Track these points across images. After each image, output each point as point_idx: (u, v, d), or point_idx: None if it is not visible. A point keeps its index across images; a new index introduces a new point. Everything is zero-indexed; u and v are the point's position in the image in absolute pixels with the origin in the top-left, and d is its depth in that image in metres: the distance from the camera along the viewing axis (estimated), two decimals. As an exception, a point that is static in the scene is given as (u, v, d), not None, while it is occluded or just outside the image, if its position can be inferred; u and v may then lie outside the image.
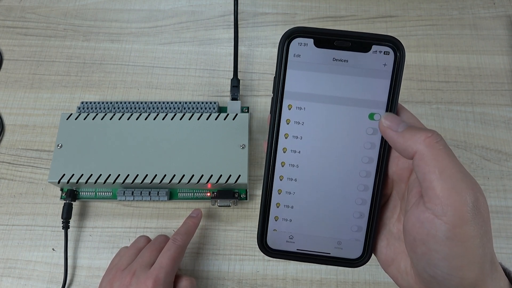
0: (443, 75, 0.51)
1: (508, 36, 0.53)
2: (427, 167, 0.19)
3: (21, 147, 0.48)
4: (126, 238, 0.44)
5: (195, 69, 0.52)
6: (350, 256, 0.24)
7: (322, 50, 0.22)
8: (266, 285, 0.42)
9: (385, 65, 0.22)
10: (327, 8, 0.56)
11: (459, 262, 0.19)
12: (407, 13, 0.55)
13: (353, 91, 0.22)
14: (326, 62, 0.22)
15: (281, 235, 0.24)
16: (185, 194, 0.44)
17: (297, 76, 0.23)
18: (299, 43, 0.22)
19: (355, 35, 0.22)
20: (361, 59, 0.22)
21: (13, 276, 0.43)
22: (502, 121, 0.49)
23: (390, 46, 0.22)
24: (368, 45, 0.22)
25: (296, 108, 0.23)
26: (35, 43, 0.54)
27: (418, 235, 0.20)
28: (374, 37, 0.22)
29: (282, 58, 0.23)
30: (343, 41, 0.22)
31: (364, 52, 0.22)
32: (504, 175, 0.46)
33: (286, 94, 0.23)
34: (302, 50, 0.22)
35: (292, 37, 0.22)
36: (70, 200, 0.44)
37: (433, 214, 0.19)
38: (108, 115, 0.45)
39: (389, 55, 0.22)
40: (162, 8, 0.56)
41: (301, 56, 0.22)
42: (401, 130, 0.21)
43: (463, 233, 0.19)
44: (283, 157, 0.23)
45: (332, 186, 0.23)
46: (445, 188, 0.19)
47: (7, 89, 0.52)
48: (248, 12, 0.56)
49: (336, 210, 0.24)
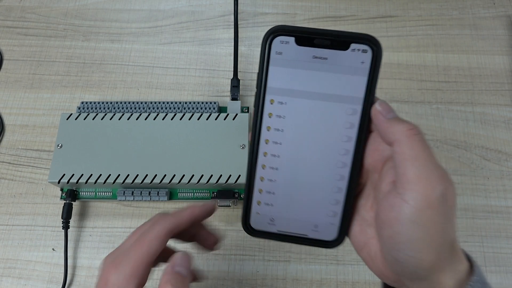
0: (443, 75, 0.51)
1: (508, 36, 0.53)
2: (403, 154, 0.21)
3: (21, 147, 0.48)
4: (126, 238, 0.44)
5: (195, 69, 0.52)
6: (326, 238, 0.26)
7: (302, 48, 0.23)
8: (266, 285, 0.42)
9: (363, 62, 0.23)
10: (327, 8, 0.56)
11: (419, 245, 0.20)
12: (407, 13, 0.55)
13: (332, 87, 0.24)
14: (307, 59, 0.23)
15: (263, 217, 0.26)
16: (185, 194, 0.44)
17: (279, 73, 0.24)
18: (281, 41, 0.23)
19: (334, 33, 0.23)
20: (340, 56, 0.23)
21: (13, 276, 0.43)
22: (502, 121, 0.49)
23: (367, 44, 0.23)
24: (346, 43, 0.23)
25: (277, 103, 0.24)
26: (35, 43, 0.54)
27: (386, 219, 0.21)
28: (352, 35, 0.23)
29: (264, 55, 0.24)
30: (322, 40, 0.23)
31: (343, 50, 0.23)
32: (504, 175, 0.46)
33: (268, 89, 0.24)
34: (283, 47, 0.23)
35: (274, 35, 0.23)
36: (70, 200, 0.44)
37: (401, 198, 0.20)
38: (108, 115, 0.45)
39: (366, 53, 0.23)
40: (162, 8, 0.56)
41: (283, 54, 0.23)
42: (389, 117, 0.23)
43: (425, 217, 0.20)
44: (265, 147, 0.25)
45: (311, 174, 0.25)
46: (416, 174, 0.20)
47: (7, 89, 0.52)
48: (248, 12, 0.56)
49: (314, 197, 0.25)
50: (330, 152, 0.24)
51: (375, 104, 0.23)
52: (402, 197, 0.21)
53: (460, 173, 0.46)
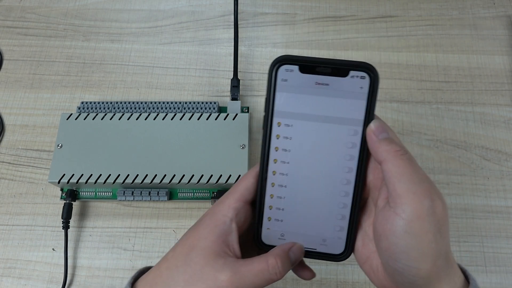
0: (443, 75, 0.51)
1: (508, 36, 0.53)
2: (391, 172, 0.23)
3: (21, 147, 0.48)
4: (126, 238, 0.44)
5: (195, 69, 0.52)
6: (334, 252, 0.28)
7: (306, 75, 0.25)
8: (266, 285, 0.42)
9: (362, 88, 0.25)
10: (327, 8, 0.56)
11: (415, 254, 0.22)
12: (407, 13, 0.55)
13: (334, 110, 0.26)
14: (310, 85, 0.26)
15: (273, 233, 0.28)
16: (185, 194, 0.44)
17: (285, 98, 0.26)
18: (286, 69, 0.25)
19: (334, 62, 0.25)
20: (340, 82, 0.25)
21: (13, 276, 0.43)
22: (502, 121, 0.49)
23: (365, 71, 0.25)
24: (346, 71, 0.25)
25: (284, 125, 0.26)
26: (35, 43, 0.54)
27: (382, 231, 0.23)
28: (350, 64, 0.25)
29: (271, 82, 0.26)
30: (323, 68, 0.25)
31: (343, 76, 0.25)
32: (504, 175, 0.46)
33: (275, 113, 0.26)
34: (288, 75, 0.26)
35: (280, 64, 0.25)
36: (70, 200, 0.44)
37: (394, 212, 0.22)
38: (108, 115, 0.45)
39: (364, 79, 0.25)
40: (162, 8, 0.56)
41: (288, 81, 0.26)
42: (380, 138, 0.24)
43: (417, 228, 0.22)
44: (274, 167, 0.27)
45: (317, 191, 0.27)
46: (404, 189, 0.22)
47: (7, 89, 0.52)
48: (248, 12, 0.56)
49: (321, 212, 0.27)
50: (335, 170, 0.26)
51: (370, 124, 0.25)
52: (394, 210, 0.23)
53: (460, 173, 0.46)
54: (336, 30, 0.54)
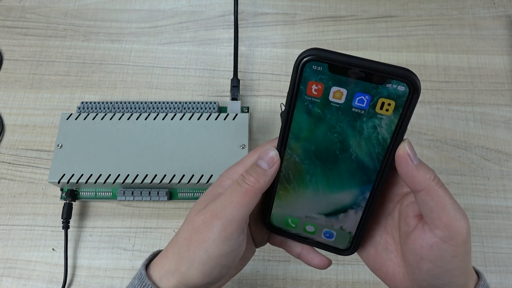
0: (443, 75, 0.51)
1: (508, 36, 0.53)
2: (434, 202, 0.23)
3: (21, 147, 0.48)
4: (126, 238, 0.44)
5: (195, 69, 0.52)
6: (339, 246, 0.28)
7: (335, 76, 0.22)
8: (266, 285, 0.42)
9: (398, 99, 0.22)
10: (327, 8, 0.56)
11: (458, 272, 0.24)
12: (407, 13, 0.55)
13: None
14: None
15: (282, 215, 0.28)
16: (185, 194, 0.44)
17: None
18: (314, 66, 0.22)
19: (371, 67, 0.21)
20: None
21: (13, 276, 0.43)
22: (502, 121, 0.49)
23: (405, 83, 0.21)
24: (383, 78, 0.21)
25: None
26: (35, 43, 0.54)
27: (426, 256, 0.24)
28: (390, 72, 0.21)
29: (296, 78, 0.23)
30: (357, 71, 0.22)
31: (378, 84, 0.22)
32: (504, 175, 0.46)
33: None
34: (316, 73, 0.22)
35: (306, 61, 0.22)
36: (70, 200, 0.44)
37: (440, 239, 0.23)
38: (108, 115, 0.45)
39: (403, 90, 0.21)
40: (162, 8, 0.56)
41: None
42: (416, 164, 0.23)
43: (462, 251, 0.23)
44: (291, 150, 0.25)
45: (334, 185, 0.26)
46: (449, 219, 0.23)
47: (7, 89, 0.52)
48: (248, 12, 0.56)
49: (335, 204, 0.26)
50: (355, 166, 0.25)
51: (404, 145, 0.23)
52: (441, 238, 0.23)
53: (460, 173, 0.46)
54: (336, 30, 0.54)
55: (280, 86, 0.51)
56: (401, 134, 0.23)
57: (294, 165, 0.25)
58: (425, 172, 0.23)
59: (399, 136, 0.23)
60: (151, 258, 0.28)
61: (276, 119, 0.49)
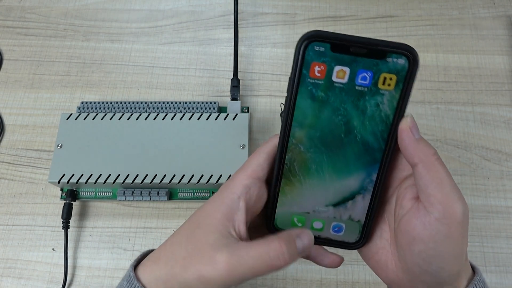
0: (443, 75, 0.51)
1: (508, 36, 0.53)
2: (430, 177, 0.23)
3: (21, 147, 0.48)
4: (126, 238, 0.44)
5: (195, 69, 0.52)
6: (349, 240, 0.27)
7: (337, 55, 0.23)
8: (266, 285, 0.42)
9: (398, 73, 0.23)
10: (327, 8, 0.56)
11: (451, 258, 0.23)
12: (407, 13, 0.55)
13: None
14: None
15: (288, 216, 0.27)
16: (185, 194, 0.44)
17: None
18: (316, 47, 0.23)
19: (371, 43, 0.22)
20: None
21: (13, 276, 0.43)
22: (502, 121, 0.49)
23: (405, 55, 0.22)
24: (383, 53, 0.22)
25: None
26: (35, 43, 0.54)
27: (418, 235, 0.23)
28: (390, 45, 0.22)
29: (298, 61, 0.23)
30: (358, 48, 0.22)
31: (379, 59, 0.22)
32: (504, 175, 0.46)
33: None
34: (318, 54, 0.23)
35: (308, 42, 0.23)
36: (70, 200, 0.44)
37: (434, 217, 0.22)
38: (108, 115, 0.45)
39: (403, 64, 0.22)
40: (162, 8, 0.56)
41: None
42: (417, 137, 0.23)
43: (456, 232, 0.22)
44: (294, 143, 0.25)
45: (337, 179, 0.25)
46: (445, 196, 0.22)
47: (7, 89, 0.52)
48: (248, 12, 0.56)
49: (341, 196, 0.26)
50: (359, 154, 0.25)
51: (407, 120, 0.23)
52: (434, 216, 0.22)
53: (460, 173, 0.46)
54: (336, 30, 0.54)
55: (280, 86, 0.51)
56: (403, 109, 0.23)
57: (299, 155, 0.25)
58: (426, 146, 0.23)
59: (401, 111, 0.23)
60: (140, 259, 0.27)
61: (276, 119, 0.49)
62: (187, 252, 0.24)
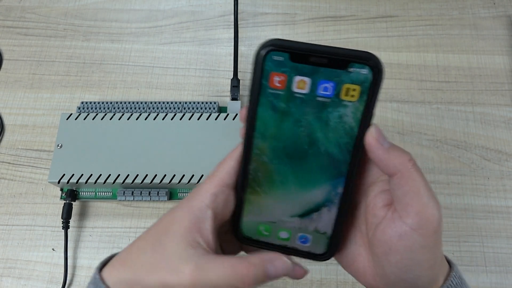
0: (443, 75, 0.51)
1: (508, 36, 0.53)
2: (408, 186, 0.22)
3: (21, 147, 0.48)
4: (126, 238, 0.44)
5: (195, 69, 0.52)
6: (315, 251, 0.26)
7: (295, 64, 0.22)
8: (266, 285, 0.42)
9: (362, 83, 0.22)
10: (327, 8, 0.56)
11: (427, 265, 0.23)
12: (407, 13, 0.55)
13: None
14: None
15: (253, 223, 0.26)
16: (185, 194, 0.44)
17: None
18: (274, 56, 0.22)
19: (331, 52, 0.21)
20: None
21: (13, 276, 0.43)
22: (502, 121, 0.49)
23: (368, 65, 0.21)
24: (345, 62, 0.21)
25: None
26: (35, 43, 0.54)
27: (394, 246, 0.23)
28: (351, 54, 0.21)
29: (256, 71, 0.22)
30: (318, 58, 0.21)
31: (341, 69, 0.21)
32: (504, 175, 0.46)
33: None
34: (277, 64, 0.22)
35: (267, 51, 0.22)
36: (70, 200, 0.44)
37: (410, 227, 0.22)
38: (108, 115, 0.45)
39: (366, 74, 0.21)
40: (162, 8, 0.56)
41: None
42: (386, 146, 0.22)
43: (432, 241, 0.22)
44: (257, 149, 0.24)
45: (305, 182, 0.24)
46: (421, 205, 0.22)
47: (7, 89, 0.52)
48: (248, 12, 0.56)
49: (307, 205, 0.25)
50: (325, 161, 0.24)
51: (371, 131, 0.22)
52: (410, 226, 0.22)
53: (460, 173, 0.46)
54: (336, 30, 0.54)
55: (280, 86, 0.51)
56: (368, 121, 0.22)
57: (263, 166, 0.24)
58: (398, 154, 0.22)
59: (366, 123, 0.22)
60: (106, 262, 0.26)
61: (276, 119, 0.49)
62: (153, 259, 0.23)
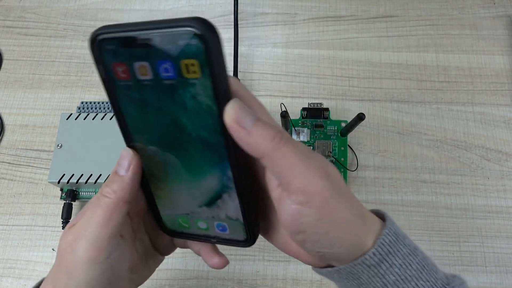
0: (443, 75, 0.51)
1: (508, 36, 0.53)
2: (280, 166, 0.20)
3: (21, 147, 0.48)
4: (126, 238, 0.44)
5: (195, 69, 0.52)
6: (238, 238, 0.25)
7: (128, 50, 0.20)
8: (266, 285, 0.42)
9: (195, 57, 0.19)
10: (327, 8, 0.56)
11: (337, 233, 0.21)
12: (407, 13, 0.55)
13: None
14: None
15: (172, 217, 0.25)
16: (185, 194, 0.44)
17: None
18: (107, 46, 0.20)
19: (150, 27, 0.19)
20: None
21: (13, 276, 0.43)
22: (502, 121, 0.49)
23: (195, 34, 0.18)
24: (171, 37, 0.19)
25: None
26: (35, 43, 0.54)
27: (292, 227, 0.21)
28: (173, 25, 0.18)
29: (101, 66, 0.21)
30: (142, 39, 0.19)
31: (171, 45, 0.19)
32: (504, 175, 0.46)
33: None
34: (112, 53, 0.20)
35: (98, 42, 0.20)
36: (70, 200, 0.44)
37: (299, 204, 0.20)
38: (108, 115, 0.45)
39: (196, 44, 0.18)
40: (162, 8, 0.56)
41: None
42: (249, 127, 0.20)
43: (328, 209, 0.20)
44: (142, 151, 0.23)
45: (195, 173, 0.23)
46: (301, 180, 0.20)
47: (7, 89, 0.52)
48: (248, 12, 0.56)
49: (208, 195, 0.23)
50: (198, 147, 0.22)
51: (229, 112, 0.19)
52: (298, 202, 0.20)
53: (460, 173, 0.46)
54: (336, 30, 0.54)
55: (280, 86, 0.51)
56: (223, 97, 0.20)
57: (150, 159, 0.23)
58: (262, 132, 0.20)
59: (222, 99, 0.20)
60: (37, 286, 0.25)
61: (276, 119, 0.49)
62: (58, 259, 0.23)
